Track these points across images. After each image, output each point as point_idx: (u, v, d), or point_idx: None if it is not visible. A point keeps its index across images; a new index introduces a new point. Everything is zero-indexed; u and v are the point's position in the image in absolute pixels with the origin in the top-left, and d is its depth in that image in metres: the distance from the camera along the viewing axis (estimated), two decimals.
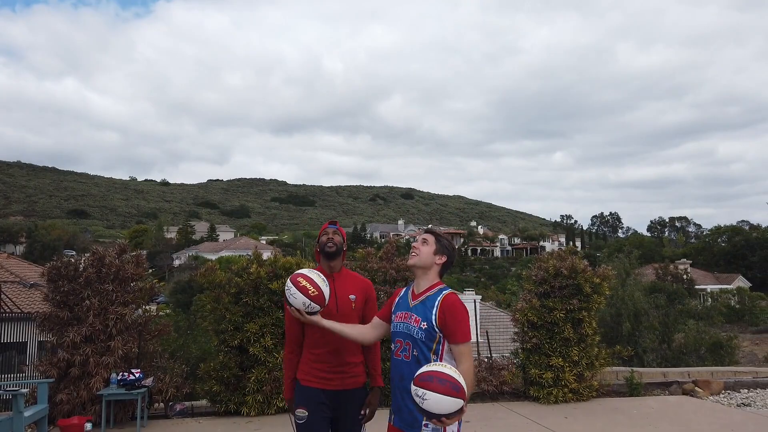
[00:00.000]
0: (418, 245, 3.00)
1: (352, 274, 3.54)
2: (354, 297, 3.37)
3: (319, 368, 3.29)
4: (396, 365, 2.93)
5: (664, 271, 40.88)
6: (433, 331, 2.82)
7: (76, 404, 6.29)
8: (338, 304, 3.30)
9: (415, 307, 2.92)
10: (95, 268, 6.69)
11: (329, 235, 3.41)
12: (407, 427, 2.84)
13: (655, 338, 18.60)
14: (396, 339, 2.95)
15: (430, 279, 2.97)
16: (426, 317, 2.84)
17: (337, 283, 3.36)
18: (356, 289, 3.41)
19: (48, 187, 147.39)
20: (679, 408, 7.04)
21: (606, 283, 7.49)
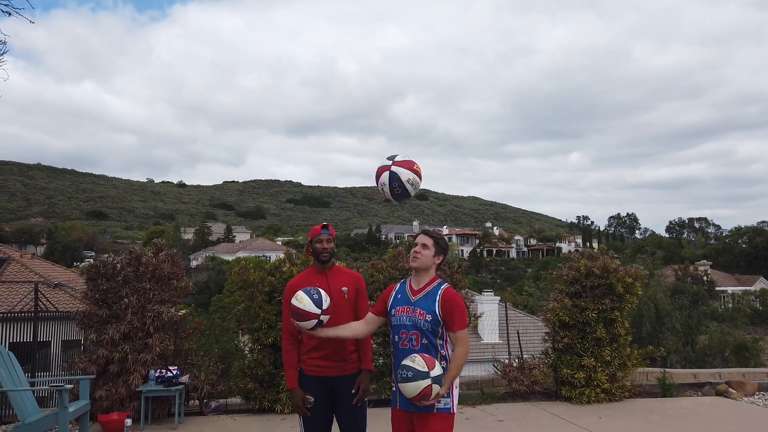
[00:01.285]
0: (419, 249, 3.31)
1: (343, 269, 3.94)
2: (346, 289, 3.74)
3: (320, 358, 3.63)
4: (403, 353, 3.20)
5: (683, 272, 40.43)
6: (437, 320, 3.20)
7: (115, 400, 6.40)
8: (332, 296, 3.61)
9: (417, 301, 3.27)
10: (133, 267, 6.81)
11: (323, 244, 3.74)
12: (421, 407, 3.12)
13: (677, 340, 18.44)
14: (401, 331, 3.26)
15: (428, 276, 3.33)
16: (430, 309, 3.21)
17: (330, 278, 3.75)
18: (348, 282, 3.78)
19: (67, 189, 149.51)
20: (714, 409, 6.98)
21: (638, 282, 7.45)
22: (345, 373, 3.67)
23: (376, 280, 7.44)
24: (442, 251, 3.36)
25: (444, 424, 3.15)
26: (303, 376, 3.68)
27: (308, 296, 3.37)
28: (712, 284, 39.92)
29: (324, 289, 3.57)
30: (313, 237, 3.76)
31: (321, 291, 3.44)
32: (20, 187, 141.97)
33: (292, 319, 3.41)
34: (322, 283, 3.69)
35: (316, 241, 3.74)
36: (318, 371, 3.64)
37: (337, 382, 3.65)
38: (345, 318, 3.68)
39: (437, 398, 3.05)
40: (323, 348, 3.62)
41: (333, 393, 3.65)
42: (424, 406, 3.11)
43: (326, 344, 3.61)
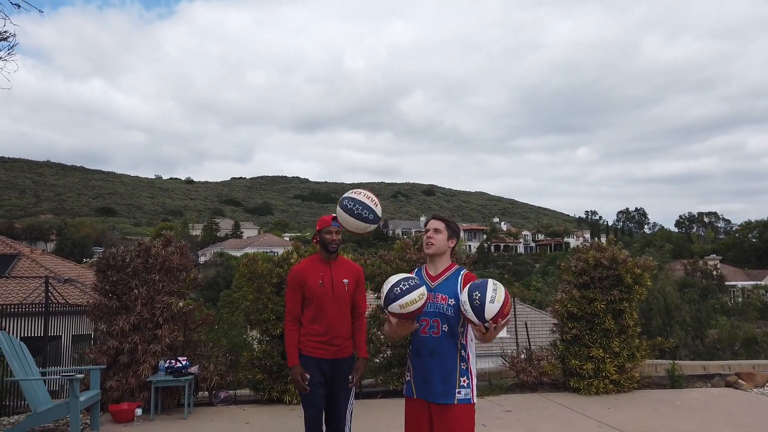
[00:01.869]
0: (432, 235, 3.21)
1: (346, 260, 4.02)
2: (347, 281, 3.84)
3: (317, 341, 3.75)
4: (425, 341, 3.13)
5: (693, 267, 40.21)
6: (459, 305, 3.05)
7: (125, 391, 6.46)
8: (334, 287, 3.78)
9: (438, 287, 3.15)
10: (142, 259, 6.85)
11: (332, 235, 3.82)
12: (439, 397, 3.05)
13: (687, 334, 18.34)
14: (421, 319, 3.13)
15: (445, 261, 3.24)
16: (453, 293, 3.10)
17: (334, 269, 3.83)
18: (349, 274, 3.87)
19: (76, 186, 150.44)
20: (724, 400, 6.95)
21: (647, 273, 7.42)
22: (340, 356, 3.80)
23: (384, 272, 7.45)
24: (455, 234, 3.28)
25: (466, 414, 3.06)
26: (302, 357, 3.82)
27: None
28: (722, 278, 39.71)
29: (327, 279, 3.77)
30: (322, 227, 3.85)
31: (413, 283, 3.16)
32: (30, 184, 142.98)
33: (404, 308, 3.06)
34: (325, 272, 3.82)
35: (325, 232, 3.83)
36: (316, 353, 3.77)
37: (334, 364, 3.79)
38: (345, 308, 3.84)
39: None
40: (323, 333, 3.76)
41: (329, 374, 3.79)
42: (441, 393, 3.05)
43: (325, 328, 3.75)
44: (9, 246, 25.61)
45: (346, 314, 3.84)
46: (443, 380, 3.05)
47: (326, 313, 3.76)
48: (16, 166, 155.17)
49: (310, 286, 3.79)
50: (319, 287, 3.77)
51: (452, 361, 3.08)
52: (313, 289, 3.78)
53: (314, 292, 3.78)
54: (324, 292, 3.76)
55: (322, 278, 3.78)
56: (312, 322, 3.77)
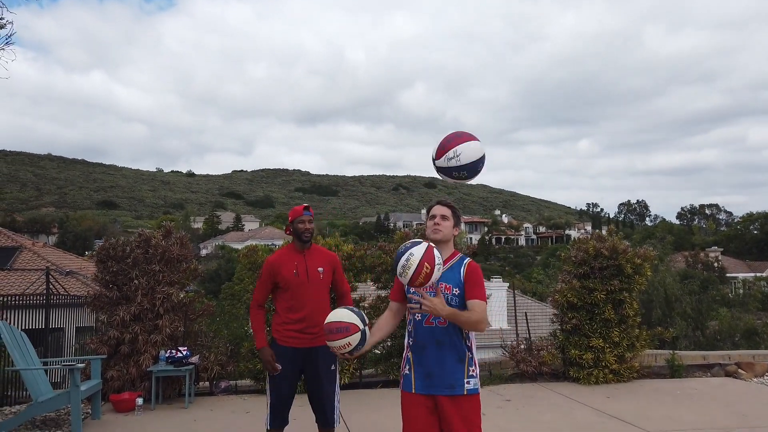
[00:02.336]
0: (439, 221, 3.08)
1: (320, 248, 4.07)
2: (322, 269, 3.89)
3: (293, 329, 3.79)
4: (430, 332, 3.00)
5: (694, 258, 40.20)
6: (464, 294, 2.99)
7: (126, 381, 6.48)
8: (309, 275, 3.83)
9: (442, 276, 2.97)
10: (142, 249, 6.86)
11: (305, 224, 3.87)
12: (447, 389, 2.94)
13: (687, 325, 18.36)
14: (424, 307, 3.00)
15: (449, 249, 3.11)
16: (457, 282, 3.00)
17: (308, 258, 3.88)
18: (324, 263, 3.92)
19: (78, 179, 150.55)
20: (723, 389, 6.97)
21: (648, 263, 7.42)
22: (318, 344, 3.81)
23: (384, 263, 7.47)
24: (458, 221, 3.19)
25: (475, 404, 2.98)
26: (276, 347, 3.86)
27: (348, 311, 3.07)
28: (723, 270, 39.71)
29: (301, 269, 3.83)
30: (295, 218, 3.90)
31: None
32: (31, 178, 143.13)
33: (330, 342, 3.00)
34: (299, 261, 3.86)
35: (298, 222, 3.88)
36: (292, 342, 3.80)
37: (310, 353, 3.83)
38: (322, 296, 3.88)
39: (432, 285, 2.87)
40: (299, 321, 3.80)
41: (304, 363, 3.84)
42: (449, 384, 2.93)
43: (301, 316, 3.79)
44: (10, 239, 25.67)
45: (322, 302, 3.86)
46: (452, 371, 2.93)
47: (302, 301, 3.80)
48: (18, 160, 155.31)
49: (284, 276, 3.82)
50: (294, 277, 3.81)
51: (461, 350, 2.99)
52: (288, 278, 3.81)
53: (289, 281, 3.81)
54: (299, 282, 3.81)
55: (296, 268, 3.82)
56: (288, 311, 3.83)
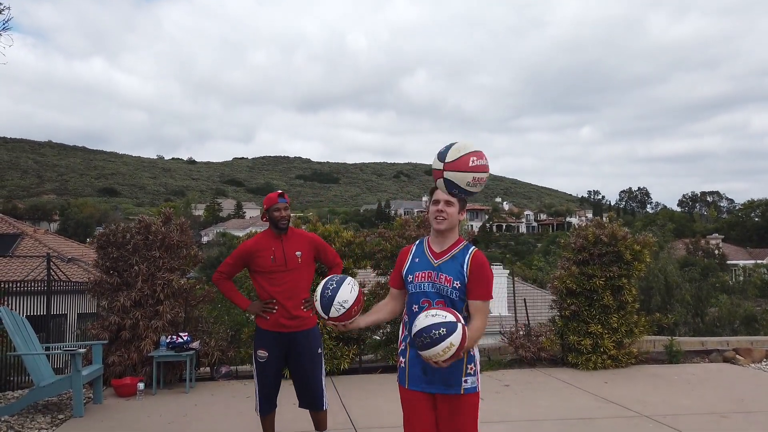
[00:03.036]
0: (443, 207, 2.79)
1: (298, 231, 4.05)
2: (300, 253, 3.88)
3: (276, 315, 3.80)
4: None
5: (695, 246, 40.27)
6: (465, 288, 2.75)
7: (128, 366, 6.53)
8: (287, 260, 3.83)
9: (442, 265, 2.79)
10: (142, 236, 6.87)
11: (281, 212, 3.86)
12: (443, 387, 2.73)
13: (687, 312, 18.43)
14: (421, 300, 2.78)
15: (453, 236, 2.86)
16: (459, 275, 2.75)
17: (285, 243, 3.87)
18: (302, 245, 3.92)
19: (79, 166, 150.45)
20: (721, 374, 7.01)
21: (647, 250, 7.42)
22: (302, 329, 3.86)
23: (383, 249, 7.48)
24: (464, 205, 2.90)
25: (473, 404, 2.77)
26: (261, 332, 3.88)
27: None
28: (724, 257, 39.79)
29: (278, 254, 3.82)
30: (270, 206, 3.89)
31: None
32: (32, 165, 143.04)
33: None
34: (277, 247, 3.86)
35: (273, 210, 3.87)
36: (275, 327, 3.82)
37: (295, 337, 3.84)
38: (301, 281, 3.88)
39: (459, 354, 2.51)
40: (280, 306, 3.81)
41: (289, 347, 3.85)
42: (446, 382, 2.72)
43: (282, 302, 3.80)
44: (12, 225, 25.72)
45: (301, 287, 3.88)
46: (449, 369, 2.62)
47: (281, 287, 3.81)
48: (18, 147, 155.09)
49: (261, 262, 3.83)
50: (272, 263, 3.81)
51: None
52: (266, 264, 3.82)
53: (267, 267, 3.82)
54: (277, 267, 3.81)
55: (273, 253, 3.82)
56: (269, 297, 3.83)
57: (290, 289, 3.81)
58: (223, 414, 5.41)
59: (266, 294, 3.84)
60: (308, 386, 3.89)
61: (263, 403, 3.89)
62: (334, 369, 6.86)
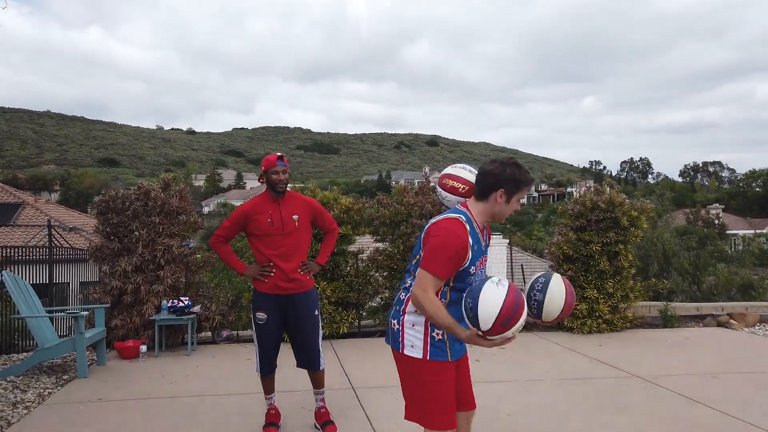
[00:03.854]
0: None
1: (295, 195, 3.99)
2: (297, 217, 3.87)
3: (274, 278, 3.81)
4: None
5: (695, 216, 40.23)
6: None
7: (130, 329, 6.63)
8: (284, 224, 3.82)
9: (487, 247, 2.56)
10: (142, 202, 6.90)
11: (279, 175, 3.82)
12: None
13: (684, 280, 18.55)
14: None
15: (500, 215, 2.51)
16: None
17: (282, 207, 3.84)
18: (299, 210, 3.89)
19: (78, 137, 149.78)
20: (714, 338, 7.12)
21: (644, 216, 7.46)
22: (298, 292, 3.88)
23: (382, 216, 7.51)
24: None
25: (397, 363, 2.58)
26: (259, 294, 3.90)
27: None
28: (724, 227, 39.77)
29: (276, 217, 3.81)
30: (268, 168, 3.85)
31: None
32: (31, 135, 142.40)
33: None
34: (274, 210, 3.85)
35: (272, 173, 3.83)
36: (273, 290, 3.84)
37: (292, 299, 3.87)
38: (299, 244, 3.89)
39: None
40: (278, 269, 3.81)
41: (287, 309, 3.88)
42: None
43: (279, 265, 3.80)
44: (13, 195, 25.76)
45: (299, 250, 3.89)
46: None
47: (278, 250, 3.81)
48: (17, 117, 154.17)
49: (259, 225, 3.83)
50: (269, 226, 3.81)
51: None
52: (263, 227, 3.82)
53: (264, 230, 3.82)
54: (274, 230, 3.81)
55: (271, 217, 3.81)
56: (266, 260, 3.84)
57: (287, 253, 3.83)
58: (225, 375, 5.52)
59: (263, 257, 3.85)
60: (306, 347, 3.95)
61: (263, 364, 3.96)
62: (333, 333, 6.97)
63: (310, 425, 4.03)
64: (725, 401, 4.47)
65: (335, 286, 7.06)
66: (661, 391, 4.79)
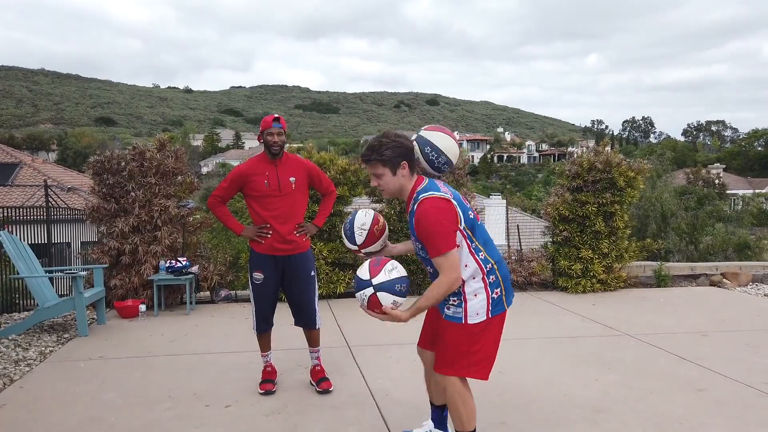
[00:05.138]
0: (375, 183, 2.63)
1: (292, 157, 3.96)
2: (294, 179, 3.86)
3: (271, 239, 3.83)
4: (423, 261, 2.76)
5: (695, 175, 40.14)
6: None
7: (129, 289, 6.72)
8: (280, 185, 3.82)
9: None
10: (137, 163, 6.88)
11: (274, 137, 3.79)
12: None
13: (681, 240, 18.65)
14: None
15: (407, 190, 2.61)
16: (414, 234, 2.58)
17: (279, 168, 3.84)
18: (296, 171, 3.89)
19: (74, 95, 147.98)
20: (706, 297, 7.22)
21: (641, 176, 7.45)
22: (294, 253, 3.91)
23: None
24: (397, 159, 2.55)
25: (452, 331, 2.65)
26: (256, 255, 3.93)
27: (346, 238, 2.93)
28: (724, 187, 39.77)
29: (272, 179, 3.81)
30: (264, 129, 3.83)
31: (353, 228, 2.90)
32: (26, 93, 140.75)
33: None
34: (271, 172, 3.84)
35: (267, 134, 3.82)
36: (269, 251, 3.87)
37: (289, 260, 3.91)
38: (295, 206, 3.90)
39: (394, 309, 2.51)
40: (275, 231, 3.83)
41: (284, 270, 3.92)
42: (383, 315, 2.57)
43: (276, 227, 3.82)
44: (10, 155, 25.63)
45: (295, 212, 3.90)
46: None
47: (275, 212, 3.83)
48: (11, 75, 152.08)
49: (255, 186, 3.83)
50: (265, 187, 3.81)
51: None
52: (260, 188, 3.82)
53: (261, 191, 3.83)
54: (270, 192, 3.81)
55: (267, 178, 3.81)
56: (263, 221, 3.86)
57: (284, 214, 3.84)
58: (223, 333, 5.62)
59: (260, 219, 3.87)
60: (302, 306, 4.01)
61: (260, 322, 4.03)
62: (330, 293, 7.06)
63: (305, 382, 4.12)
64: (712, 358, 4.57)
65: (332, 247, 7.12)
66: (651, 349, 4.88)
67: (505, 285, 2.71)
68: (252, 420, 3.48)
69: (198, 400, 3.81)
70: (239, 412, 3.61)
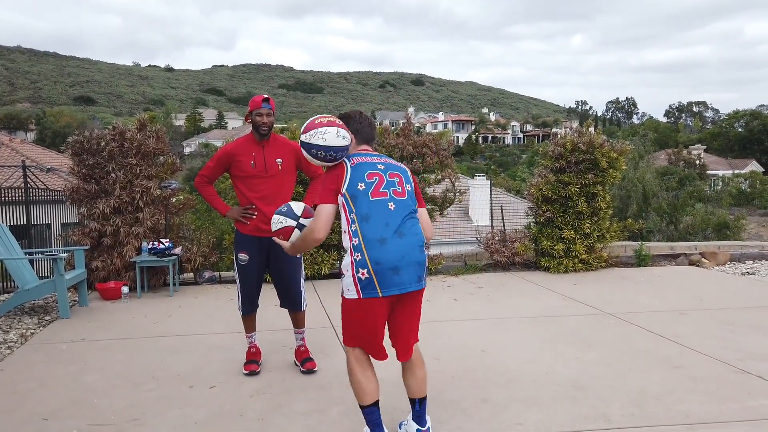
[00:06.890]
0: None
1: (280, 139, 3.94)
2: (280, 160, 3.84)
3: (256, 220, 3.82)
4: None
5: (676, 156, 40.62)
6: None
7: (111, 271, 6.66)
8: (267, 166, 3.80)
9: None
10: (117, 143, 6.78)
11: (263, 118, 3.77)
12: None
13: (662, 219, 18.93)
14: None
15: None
16: None
17: (266, 149, 3.82)
18: (283, 153, 3.86)
19: (51, 73, 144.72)
20: (685, 276, 7.35)
21: (623, 158, 7.52)
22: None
23: None
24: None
25: (345, 305, 2.73)
26: (241, 236, 3.92)
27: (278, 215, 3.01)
28: (704, 167, 40.30)
29: (259, 160, 3.79)
30: (253, 109, 3.81)
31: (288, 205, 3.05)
32: (2, 72, 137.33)
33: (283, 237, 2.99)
34: (257, 152, 3.82)
35: (256, 114, 3.79)
36: (255, 232, 3.86)
37: (273, 242, 3.82)
38: (282, 187, 3.87)
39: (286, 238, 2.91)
40: (260, 211, 3.81)
41: (270, 251, 3.90)
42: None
43: (261, 208, 3.80)
44: None
45: (282, 193, 3.88)
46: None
47: (260, 193, 3.81)
48: None
49: (242, 166, 3.81)
50: (251, 168, 3.80)
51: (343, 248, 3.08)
52: (246, 169, 3.80)
53: (247, 172, 3.81)
54: (256, 173, 3.80)
55: (254, 159, 3.79)
56: (248, 202, 3.84)
57: (269, 196, 3.82)
58: (207, 314, 5.61)
59: (246, 200, 3.85)
60: (288, 288, 4.01)
61: (245, 303, 4.02)
62: (315, 274, 7.07)
63: (290, 362, 4.14)
64: (689, 336, 4.67)
65: None
66: (630, 328, 4.97)
67: (377, 270, 2.56)
68: (236, 400, 3.50)
69: (182, 382, 3.81)
70: (223, 392, 3.62)
